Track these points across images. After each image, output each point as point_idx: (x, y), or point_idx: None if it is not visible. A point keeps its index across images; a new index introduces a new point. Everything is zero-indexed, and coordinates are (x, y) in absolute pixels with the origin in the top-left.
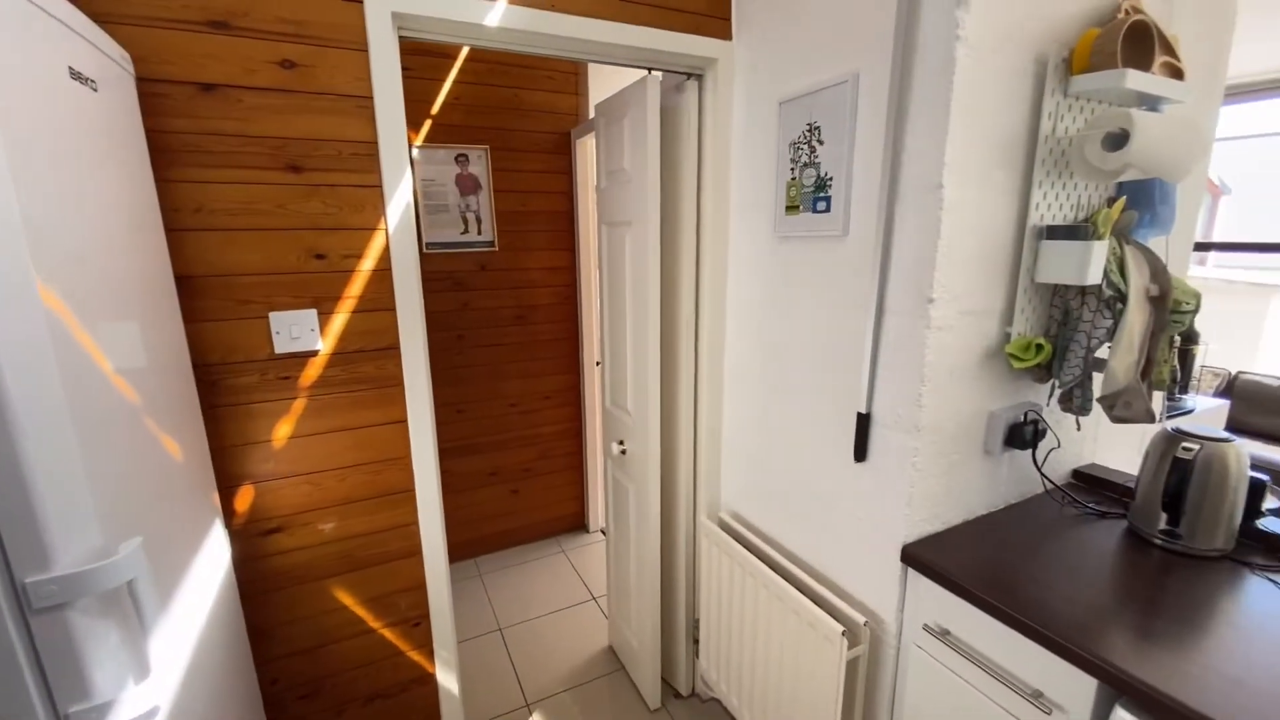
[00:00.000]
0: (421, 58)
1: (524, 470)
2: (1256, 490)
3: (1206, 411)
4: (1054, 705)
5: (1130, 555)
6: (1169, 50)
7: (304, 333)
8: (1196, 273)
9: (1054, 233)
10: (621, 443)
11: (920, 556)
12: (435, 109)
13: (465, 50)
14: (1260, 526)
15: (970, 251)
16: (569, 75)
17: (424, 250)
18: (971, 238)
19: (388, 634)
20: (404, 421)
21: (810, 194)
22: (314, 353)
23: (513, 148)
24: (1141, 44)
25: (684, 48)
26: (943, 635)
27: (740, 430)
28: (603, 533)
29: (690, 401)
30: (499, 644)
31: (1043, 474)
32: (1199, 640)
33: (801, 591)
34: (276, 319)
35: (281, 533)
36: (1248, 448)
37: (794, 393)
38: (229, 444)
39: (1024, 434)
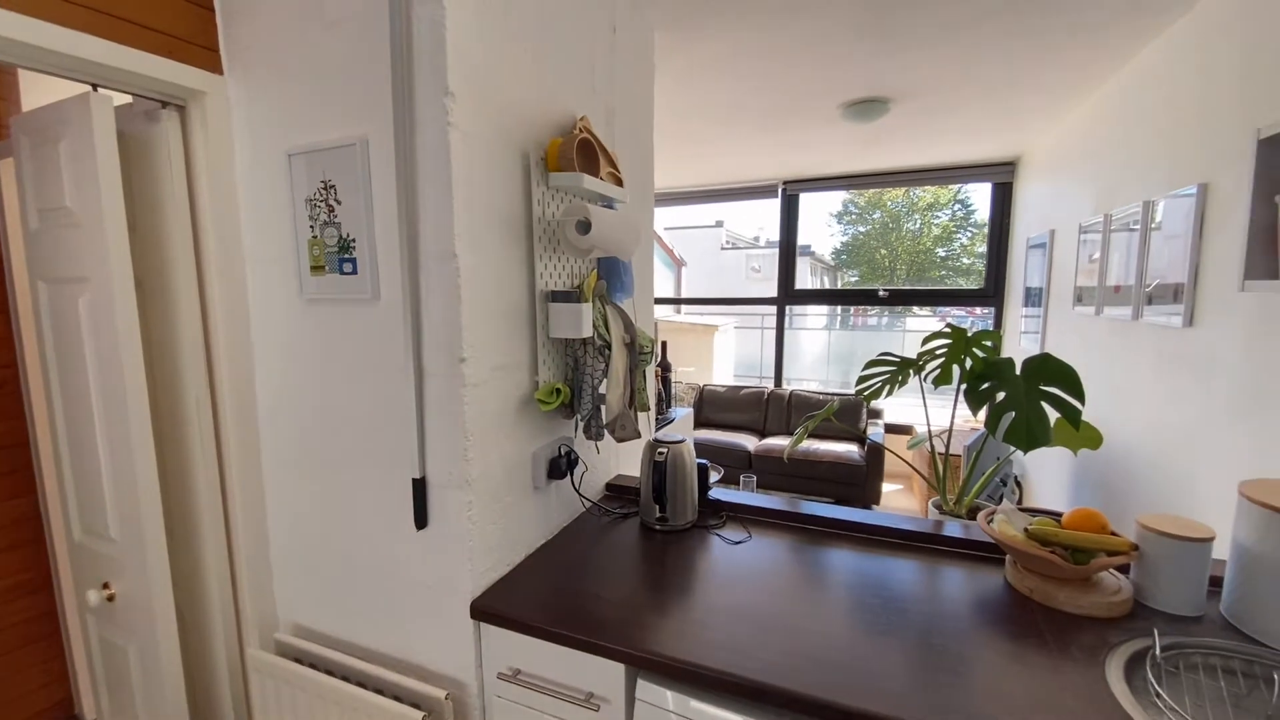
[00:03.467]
0: None
1: None
2: (704, 472)
3: (683, 418)
4: (601, 700)
5: (643, 544)
6: (612, 164)
7: None
8: (674, 318)
9: (557, 296)
10: (106, 585)
11: (488, 608)
12: None
13: None
14: (710, 497)
15: (493, 313)
16: None
17: None
18: (493, 301)
19: None
20: None
21: (335, 254)
22: None
23: None
24: (591, 155)
25: (151, 70)
26: (515, 676)
27: (294, 525)
28: None
29: (217, 505)
30: None
31: (581, 495)
32: (683, 600)
33: (381, 691)
34: None
35: None
36: (713, 436)
37: (349, 470)
38: None
39: (561, 465)
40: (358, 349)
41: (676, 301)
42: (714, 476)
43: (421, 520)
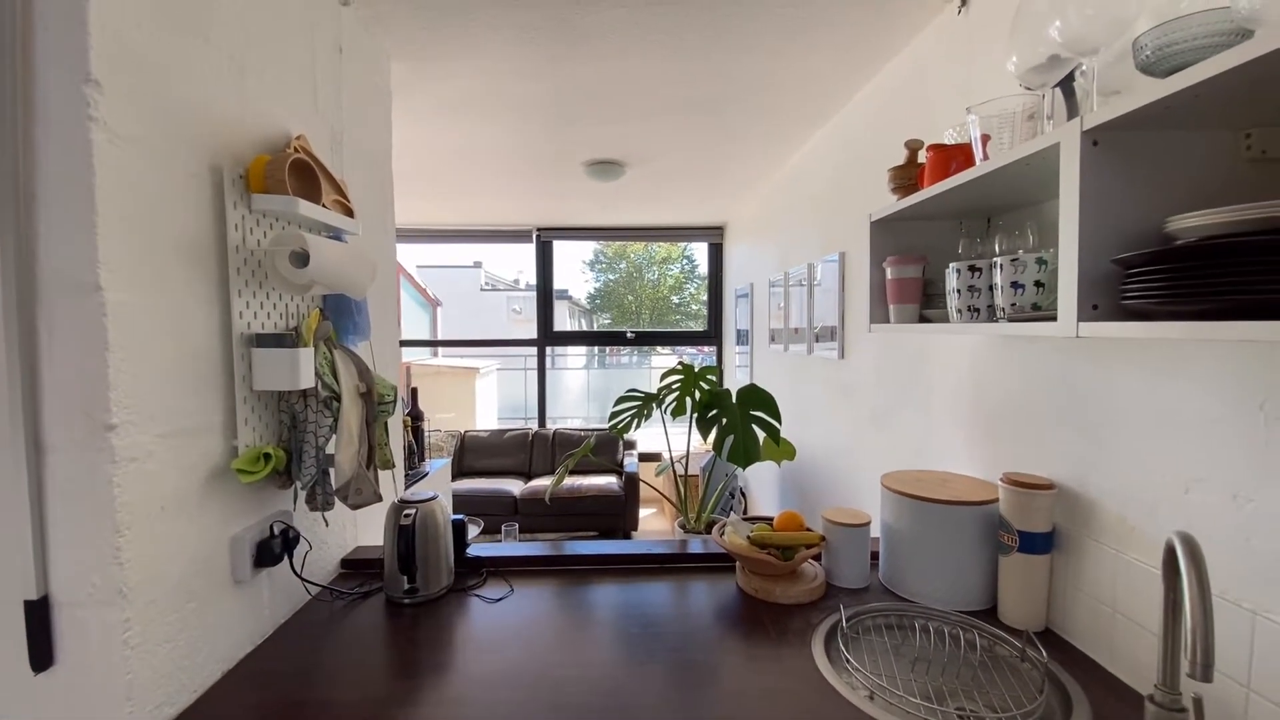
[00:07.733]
0: None
1: None
2: (460, 528)
3: (440, 470)
4: None
5: (390, 625)
6: (340, 191)
7: None
8: (431, 361)
9: (263, 341)
10: None
11: None
12: None
13: None
14: (468, 554)
15: (166, 363)
16: None
17: None
18: (166, 347)
19: None
20: None
21: None
22: None
23: None
24: (311, 179)
25: None
26: None
27: None
28: None
29: None
30: None
31: (304, 580)
32: (437, 679)
33: None
34: None
35: None
36: (476, 485)
37: None
38: None
39: (274, 548)
40: None
41: (432, 344)
42: (473, 531)
43: (43, 659)
